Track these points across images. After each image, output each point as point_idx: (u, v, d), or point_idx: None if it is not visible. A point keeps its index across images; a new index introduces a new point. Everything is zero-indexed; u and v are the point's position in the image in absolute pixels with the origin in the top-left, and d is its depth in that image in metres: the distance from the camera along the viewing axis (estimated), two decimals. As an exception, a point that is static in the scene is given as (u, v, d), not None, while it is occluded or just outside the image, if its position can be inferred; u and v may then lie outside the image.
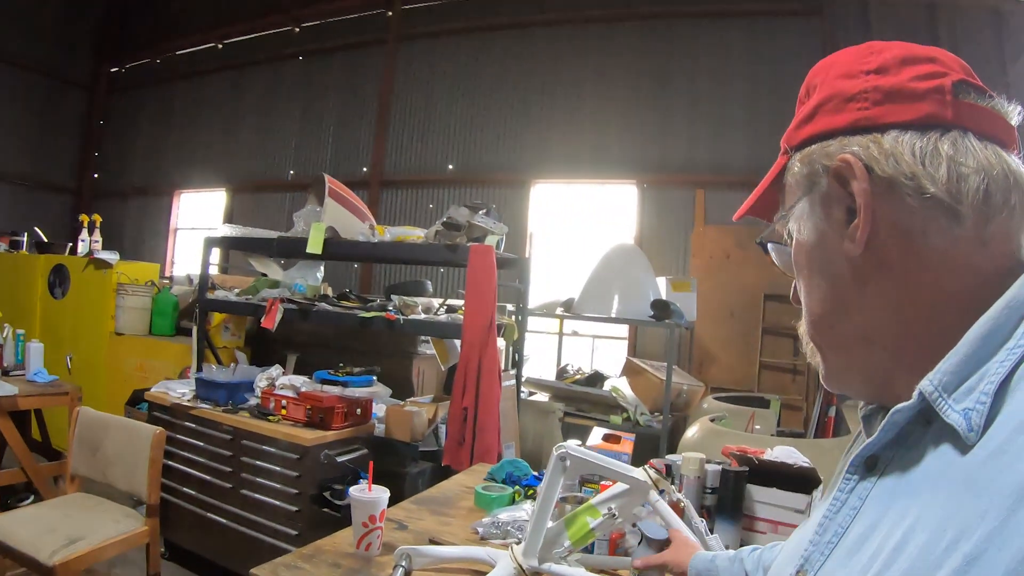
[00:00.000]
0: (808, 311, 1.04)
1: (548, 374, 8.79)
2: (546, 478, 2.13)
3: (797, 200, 1.01)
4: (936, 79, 0.92)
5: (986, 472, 0.71)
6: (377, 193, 12.76)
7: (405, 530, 2.67)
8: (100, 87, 16.80)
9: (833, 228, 0.96)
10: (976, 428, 0.76)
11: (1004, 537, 0.65)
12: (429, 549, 2.26)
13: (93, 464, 4.08)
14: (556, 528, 2.11)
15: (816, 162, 0.97)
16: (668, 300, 7.34)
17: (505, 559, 2.11)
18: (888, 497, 0.87)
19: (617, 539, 2.48)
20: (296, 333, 6.30)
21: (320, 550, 2.40)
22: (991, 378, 0.78)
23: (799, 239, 1.02)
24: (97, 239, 7.56)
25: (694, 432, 5.60)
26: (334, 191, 5.49)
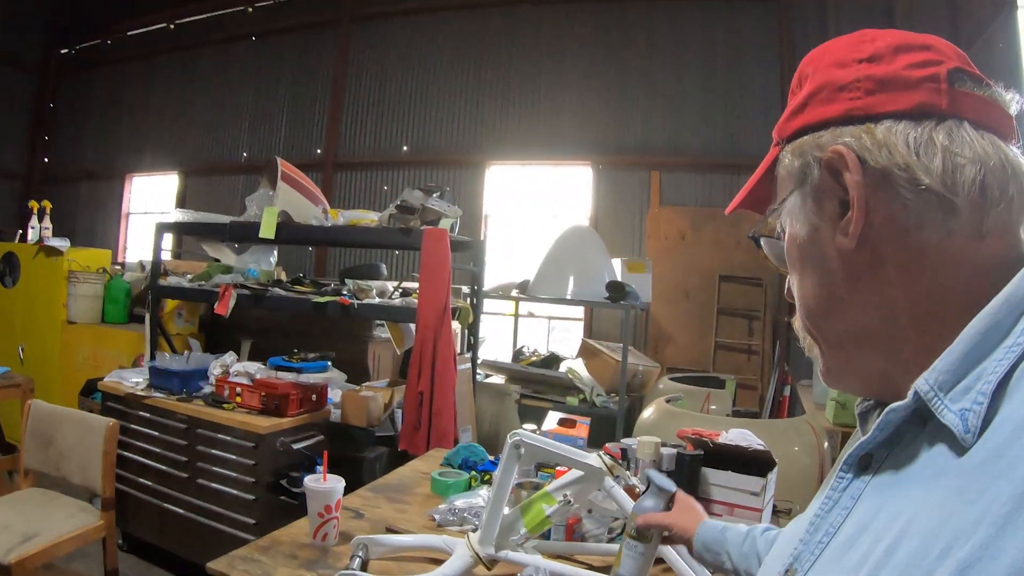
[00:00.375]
0: (802, 305, 1.01)
1: (504, 356, 8.80)
2: (501, 466, 2.13)
3: (789, 193, 0.99)
4: (931, 67, 0.90)
5: (982, 477, 0.70)
6: (331, 175, 12.69)
7: (362, 519, 2.67)
8: (50, 69, 16.48)
9: (826, 222, 0.94)
10: (973, 430, 0.74)
11: (999, 546, 0.63)
12: (386, 538, 2.26)
13: (46, 458, 4.02)
14: (512, 516, 2.12)
15: (808, 153, 0.95)
16: (623, 281, 7.37)
17: (462, 547, 2.11)
18: (881, 498, 0.85)
19: (574, 525, 2.49)
20: (250, 319, 6.26)
21: (277, 541, 2.39)
22: (988, 377, 0.76)
23: (791, 233, 0.99)
24: (47, 226, 7.44)
25: (650, 413, 5.62)
26: (287, 175, 5.44)
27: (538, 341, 10.63)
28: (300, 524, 2.52)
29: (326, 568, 2.20)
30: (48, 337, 7.21)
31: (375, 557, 2.23)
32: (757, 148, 9.47)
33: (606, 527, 2.53)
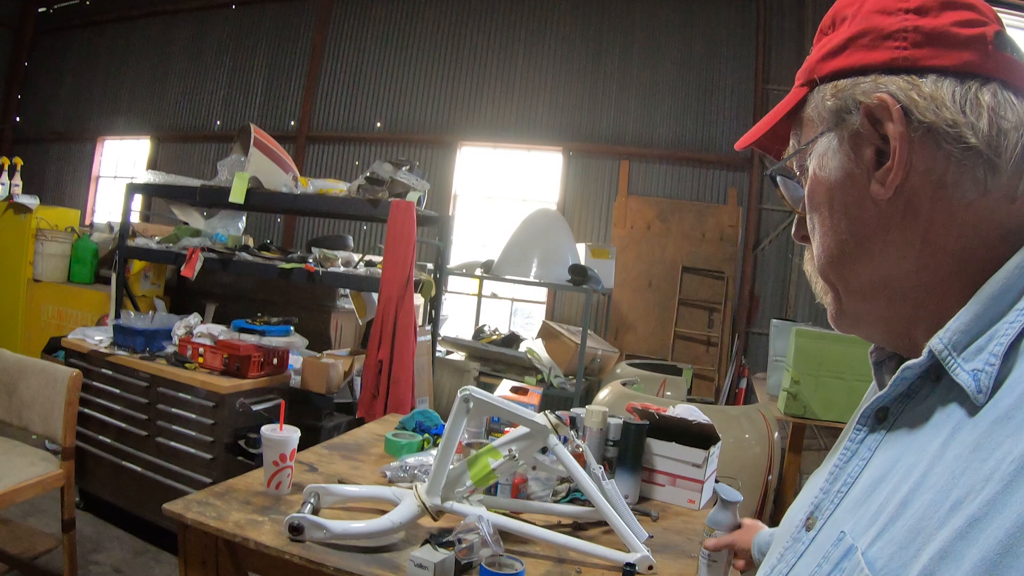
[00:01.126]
0: (824, 249, 1.00)
1: (466, 334, 8.86)
2: (450, 419, 2.21)
3: (820, 134, 0.98)
4: (978, 27, 0.89)
5: (993, 436, 0.72)
6: (304, 148, 12.68)
7: (316, 472, 2.74)
8: (27, 27, 16.29)
9: (861, 168, 0.93)
10: (985, 390, 0.77)
11: (1006, 501, 0.66)
12: (337, 488, 2.33)
13: (9, 407, 4.04)
14: (459, 468, 2.20)
15: (847, 97, 0.93)
16: (586, 266, 7.43)
17: (409, 497, 2.19)
18: (897, 450, 0.88)
19: (519, 484, 2.57)
20: (216, 284, 6.28)
21: (232, 488, 2.46)
22: (1000, 339, 0.78)
23: (820, 175, 0.98)
24: (17, 183, 7.41)
25: (605, 395, 5.71)
26: (259, 141, 5.47)
27: (501, 322, 10.69)
28: (255, 474, 2.58)
29: (278, 514, 2.26)
30: (13, 294, 7.18)
31: (326, 506, 2.30)
32: (728, 145, 9.57)
33: (551, 489, 2.61)
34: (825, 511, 0.95)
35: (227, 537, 2.13)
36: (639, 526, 2.24)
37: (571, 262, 7.54)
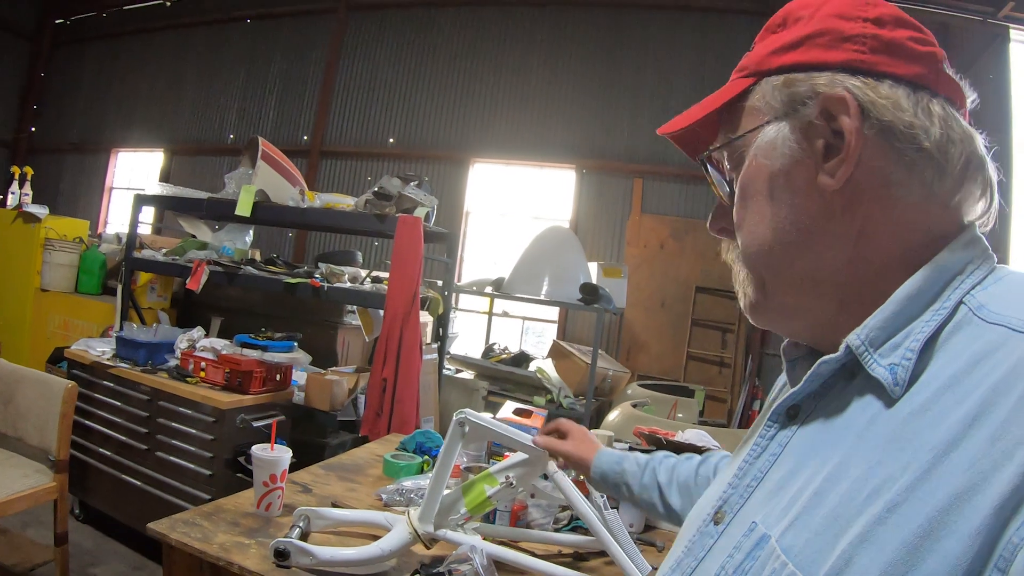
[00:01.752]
0: (755, 238, 0.99)
1: (476, 353, 8.80)
2: (445, 443, 2.14)
3: (766, 122, 0.97)
4: (929, 46, 0.93)
5: (910, 427, 0.77)
6: (317, 163, 12.69)
7: (309, 493, 2.67)
8: (44, 38, 16.42)
9: (810, 158, 0.93)
10: (901, 383, 0.81)
11: (925, 489, 0.71)
12: (328, 511, 2.26)
13: (5, 417, 4.00)
14: (453, 495, 2.12)
15: (802, 89, 0.94)
16: (598, 284, 7.37)
17: (401, 524, 2.11)
18: (809, 446, 0.90)
19: (519, 511, 2.49)
20: (222, 297, 6.26)
21: (221, 508, 2.39)
22: (917, 336, 0.83)
23: (762, 163, 0.97)
24: (27, 192, 7.41)
25: (615, 416, 5.66)
26: (267, 154, 5.45)
27: (512, 341, 10.64)
28: (246, 494, 2.51)
29: (266, 537, 2.19)
30: (20, 303, 7.17)
31: (316, 530, 2.23)
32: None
33: (552, 516, 2.53)
34: (734, 505, 0.98)
35: (211, 560, 2.06)
36: (641, 558, 2.15)
37: (583, 281, 7.47)
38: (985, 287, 0.86)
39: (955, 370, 0.78)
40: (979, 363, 0.77)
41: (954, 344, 0.82)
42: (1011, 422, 0.70)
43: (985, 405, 0.72)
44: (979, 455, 0.70)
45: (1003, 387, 0.73)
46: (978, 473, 0.69)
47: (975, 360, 0.77)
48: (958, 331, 0.82)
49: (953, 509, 0.68)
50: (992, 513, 0.66)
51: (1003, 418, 0.71)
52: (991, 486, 0.68)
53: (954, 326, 0.83)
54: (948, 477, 0.70)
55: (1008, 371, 0.74)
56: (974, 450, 0.70)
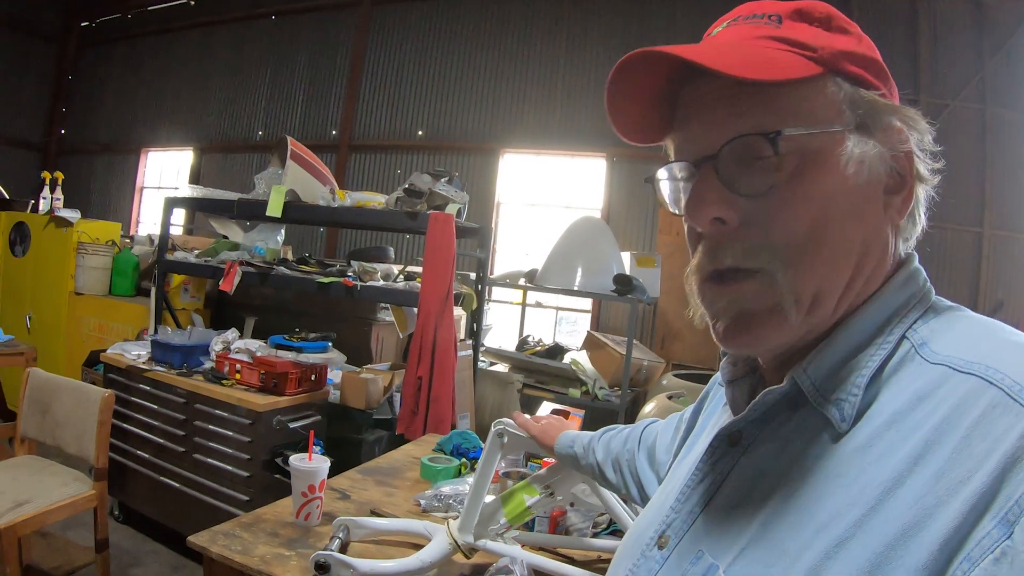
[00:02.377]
0: (792, 243, 0.87)
1: (510, 345, 8.78)
2: (483, 454, 2.13)
3: (843, 128, 0.88)
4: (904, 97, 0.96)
5: (856, 463, 0.79)
6: (346, 157, 12.71)
7: (348, 500, 2.67)
8: (70, 41, 16.56)
9: (879, 185, 0.91)
10: (848, 418, 0.83)
11: (873, 524, 0.72)
12: (367, 521, 2.25)
13: (43, 426, 4.04)
14: (493, 505, 2.11)
15: (882, 116, 0.91)
16: (631, 275, 7.33)
17: (441, 534, 2.10)
18: (753, 474, 0.91)
19: (558, 518, 2.48)
20: (256, 296, 6.26)
21: (260, 519, 2.39)
22: (863, 371, 0.85)
23: (847, 173, 0.88)
24: (58, 197, 7.47)
25: (651, 408, 5.62)
26: (296, 154, 5.44)
27: (545, 332, 10.61)
28: (285, 503, 2.51)
29: (306, 548, 2.19)
30: (55, 307, 7.24)
31: (356, 539, 2.23)
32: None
33: (591, 521, 2.51)
34: (678, 531, 0.97)
35: (252, 573, 2.06)
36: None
37: (616, 271, 7.43)
38: (926, 321, 0.89)
39: (898, 407, 0.80)
40: (922, 401, 0.78)
41: (897, 380, 0.83)
42: (954, 461, 0.71)
43: (929, 444, 0.74)
44: (924, 492, 0.71)
45: (946, 427, 0.74)
46: (923, 509, 0.70)
47: (918, 398, 0.79)
48: (901, 367, 0.84)
49: (900, 544, 0.70)
50: (938, 548, 0.68)
51: (946, 457, 0.72)
52: (936, 521, 0.69)
53: (898, 361, 0.85)
54: (895, 513, 0.72)
55: (950, 411, 0.75)
56: (919, 487, 0.72)
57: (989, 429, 0.71)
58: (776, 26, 0.94)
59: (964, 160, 9.32)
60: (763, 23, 0.96)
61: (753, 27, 0.97)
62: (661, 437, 1.65)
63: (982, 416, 0.72)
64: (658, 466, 1.63)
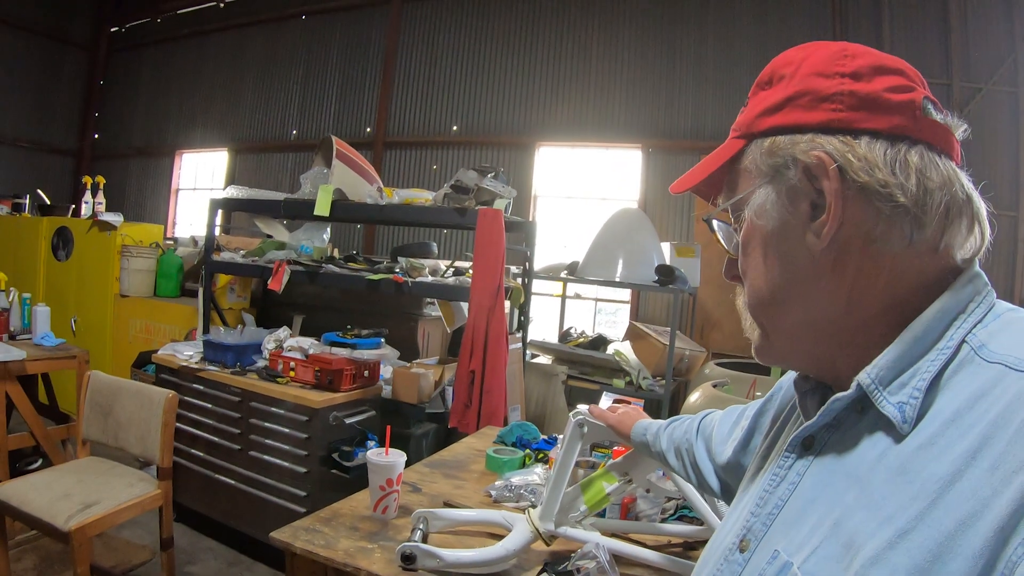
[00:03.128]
0: (754, 292, 1.06)
1: (551, 336, 8.79)
2: (564, 444, 2.16)
3: (757, 186, 1.03)
4: (907, 93, 0.96)
5: (918, 461, 0.83)
6: (381, 154, 12.74)
7: (420, 492, 2.70)
8: (100, 47, 16.71)
9: (797, 219, 0.99)
10: (909, 420, 0.87)
11: (933, 517, 0.77)
12: (446, 512, 2.29)
13: (105, 428, 4.10)
14: (572, 493, 2.15)
15: (785, 154, 0.98)
16: (672, 265, 7.33)
17: (522, 523, 2.14)
18: (826, 475, 0.96)
19: (628, 504, 2.50)
20: (301, 294, 6.31)
21: (337, 513, 2.43)
22: (923, 375, 0.89)
23: (757, 223, 1.03)
24: (100, 201, 7.55)
25: (697, 398, 5.63)
26: (342, 153, 5.47)
27: (584, 323, 10.62)
28: (359, 497, 2.55)
29: (387, 540, 2.23)
30: (101, 310, 7.32)
31: (435, 531, 2.26)
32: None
33: (659, 507, 2.54)
34: (758, 533, 1.03)
35: (337, 566, 2.10)
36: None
37: (656, 262, 7.43)
38: (985, 325, 0.93)
39: (957, 406, 0.84)
40: (980, 399, 0.83)
41: (957, 382, 0.87)
42: (1008, 453, 0.76)
43: (985, 438, 0.78)
44: (980, 483, 0.76)
45: (1001, 421, 0.79)
46: (980, 500, 0.75)
47: (976, 397, 0.83)
48: (961, 369, 0.88)
49: (958, 534, 0.74)
50: (993, 535, 0.72)
51: (1001, 449, 0.77)
52: (991, 511, 0.73)
53: (957, 364, 0.89)
54: (953, 505, 0.76)
55: (1005, 406, 0.80)
56: (976, 479, 0.76)
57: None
58: (743, 109, 1.10)
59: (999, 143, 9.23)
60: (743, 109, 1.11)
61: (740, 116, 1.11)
62: (718, 428, 1.73)
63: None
64: (714, 455, 1.70)
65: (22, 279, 7.17)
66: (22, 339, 5.40)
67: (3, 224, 8.50)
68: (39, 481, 3.83)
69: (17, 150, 15.29)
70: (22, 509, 3.56)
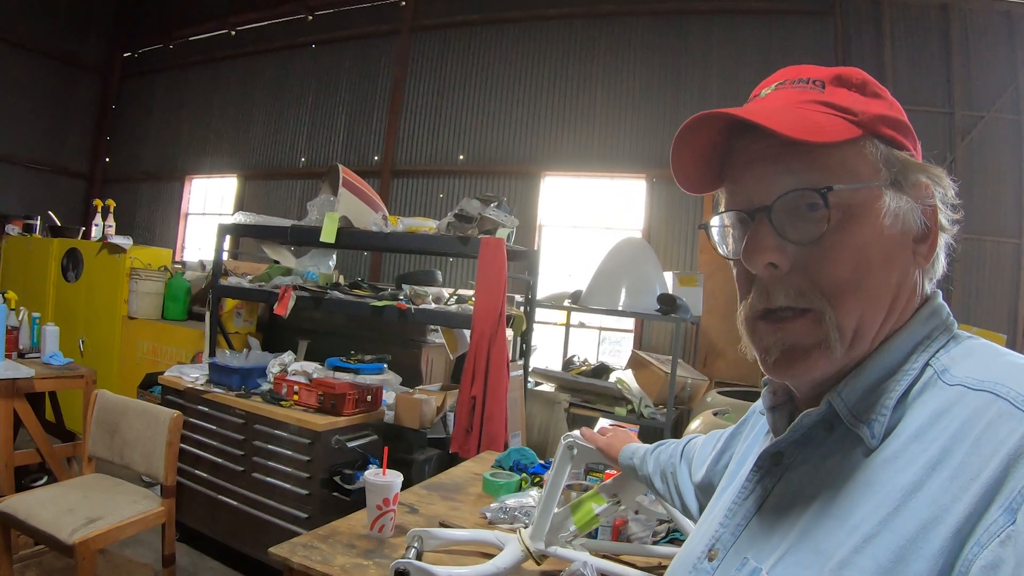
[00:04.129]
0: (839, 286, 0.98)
1: (555, 365, 8.83)
2: (554, 466, 2.22)
3: (880, 184, 1.00)
4: None
5: (883, 473, 0.90)
6: (388, 182, 12.80)
7: (416, 513, 2.75)
8: (113, 72, 16.86)
9: (909, 233, 1.02)
10: (878, 436, 0.94)
11: (896, 523, 0.83)
12: (440, 531, 2.34)
13: (111, 446, 4.15)
14: (562, 513, 2.20)
15: (912, 174, 1.02)
16: (675, 294, 7.38)
17: (513, 542, 2.19)
18: (795, 489, 1.01)
19: (620, 526, 2.55)
20: (307, 320, 6.35)
21: (335, 531, 2.48)
22: (891, 395, 0.96)
23: (884, 224, 0.99)
24: (111, 224, 7.63)
25: (697, 425, 5.67)
26: (348, 181, 5.54)
27: (588, 351, 10.64)
28: (357, 516, 2.60)
29: (382, 558, 2.28)
30: (109, 331, 7.38)
31: (429, 549, 2.31)
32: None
33: (651, 530, 2.58)
34: (726, 543, 1.07)
35: (333, 582, 2.15)
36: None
37: (659, 291, 7.48)
38: (948, 350, 0.99)
39: (921, 423, 0.91)
40: (941, 416, 0.89)
41: (922, 402, 0.94)
42: (966, 463, 0.82)
43: (945, 451, 0.85)
44: (940, 491, 0.82)
45: (960, 435, 0.85)
46: (940, 506, 0.81)
47: (937, 414, 0.90)
48: (925, 391, 0.95)
49: (919, 537, 0.80)
50: (951, 536, 0.78)
51: (959, 460, 0.83)
52: (950, 515, 0.80)
53: (922, 386, 0.96)
54: (915, 511, 0.82)
55: (964, 422, 0.86)
56: (936, 488, 0.83)
57: (995, 433, 0.82)
58: (820, 91, 1.07)
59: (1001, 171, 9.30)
60: (808, 88, 1.08)
61: (800, 92, 1.08)
62: (699, 452, 1.77)
63: (990, 423, 0.84)
64: (693, 477, 1.75)
65: (32, 299, 7.22)
66: (31, 358, 5.45)
67: (14, 244, 8.60)
68: (45, 495, 3.89)
69: (30, 172, 15.41)
70: (27, 522, 3.62)
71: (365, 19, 13.65)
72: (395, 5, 13.29)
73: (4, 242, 8.76)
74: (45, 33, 15.39)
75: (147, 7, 16.72)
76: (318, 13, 14.05)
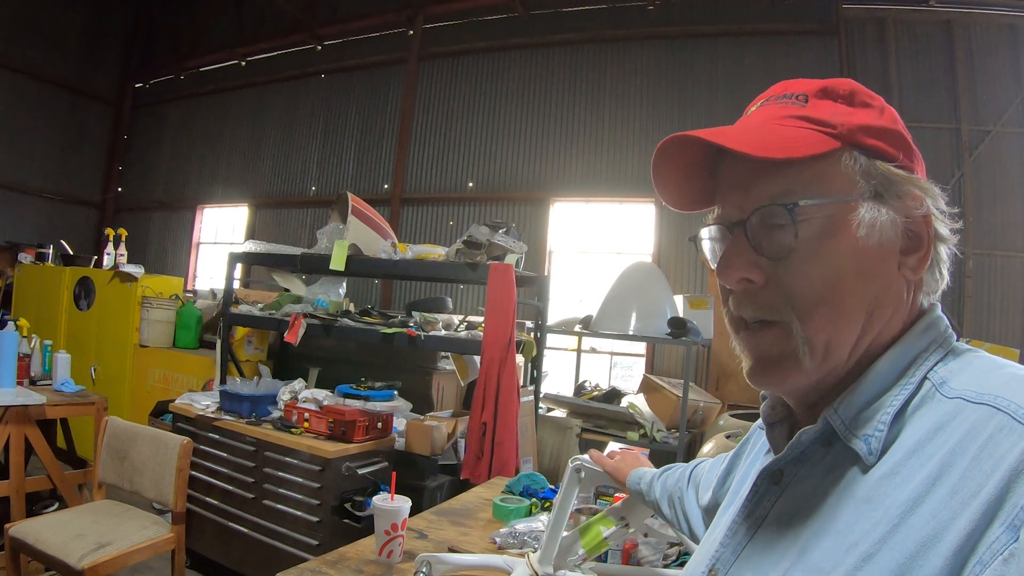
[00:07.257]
0: (835, 308, 0.98)
1: (566, 390, 8.81)
2: (562, 489, 2.21)
3: (856, 197, 0.99)
4: None
5: (882, 489, 0.89)
6: (398, 210, 12.86)
7: (425, 539, 2.74)
8: (125, 102, 17.05)
9: (894, 247, 1.00)
10: (875, 452, 0.93)
11: (895, 540, 0.82)
12: (449, 556, 2.32)
13: (121, 472, 4.17)
14: (571, 537, 2.18)
15: (895, 185, 1.00)
16: (685, 318, 7.36)
17: (522, 566, 2.18)
18: (794, 506, 1.00)
19: (630, 550, 2.54)
20: (318, 347, 6.36)
21: (344, 557, 2.47)
22: (888, 409, 0.95)
23: (859, 236, 0.98)
24: (122, 253, 7.67)
25: (710, 448, 5.65)
26: (357, 209, 5.56)
27: (600, 376, 10.62)
28: (366, 542, 2.60)
29: (391, 583, 2.28)
30: (120, 359, 7.41)
31: (438, 574, 2.30)
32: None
33: (661, 553, 2.57)
34: (727, 562, 1.07)
35: (342, 608, 2.14)
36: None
37: (669, 314, 7.46)
38: (946, 363, 0.98)
39: (919, 438, 0.89)
40: (939, 431, 0.88)
41: (919, 416, 0.92)
42: (966, 478, 0.81)
43: (945, 466, 0.83)
44: (940, 507, 0.80)
45: (959, 449, 0.84)
46: (940, 522, 0.79)
47: (936, 428, 0.88)
48: (923, 404, 0.94)
49: (920, 555, 0.79)
50: (952, 554, 0.77)
51: (959, 475, 0.81)
52: (951, 532, 0.78)
53: (920, 399, 0.94)
54: (915, 528, 0.81)
55: (963, 436, 0.85)
56: (936, 503, 0.81)
57: (996, 448, 0.81)
58: (802, 106, 1.07)
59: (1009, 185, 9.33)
60: (791, 103, 1.09)
61: (781, 107, 1.09)
62: (706, 475, 1.75)
63: (990, 438, 0.82)
64: (700, 502, 1.73)
65: (44, 326, 7.25)
66: (42, 384, 5.47)
67: (27, 273, 8.65)
68: (55, 521, 3.92)
69: (42, 200, 15.55)
70: (37, 547, 3.64)
71: (374, 48, 13.79)
72: (403, 34, 13.41)
73: (17, 270, 8.82)
74: (57, 63, 15.58)
75: (158, 38, 16.91)
76: (327, 43, 14.23)
